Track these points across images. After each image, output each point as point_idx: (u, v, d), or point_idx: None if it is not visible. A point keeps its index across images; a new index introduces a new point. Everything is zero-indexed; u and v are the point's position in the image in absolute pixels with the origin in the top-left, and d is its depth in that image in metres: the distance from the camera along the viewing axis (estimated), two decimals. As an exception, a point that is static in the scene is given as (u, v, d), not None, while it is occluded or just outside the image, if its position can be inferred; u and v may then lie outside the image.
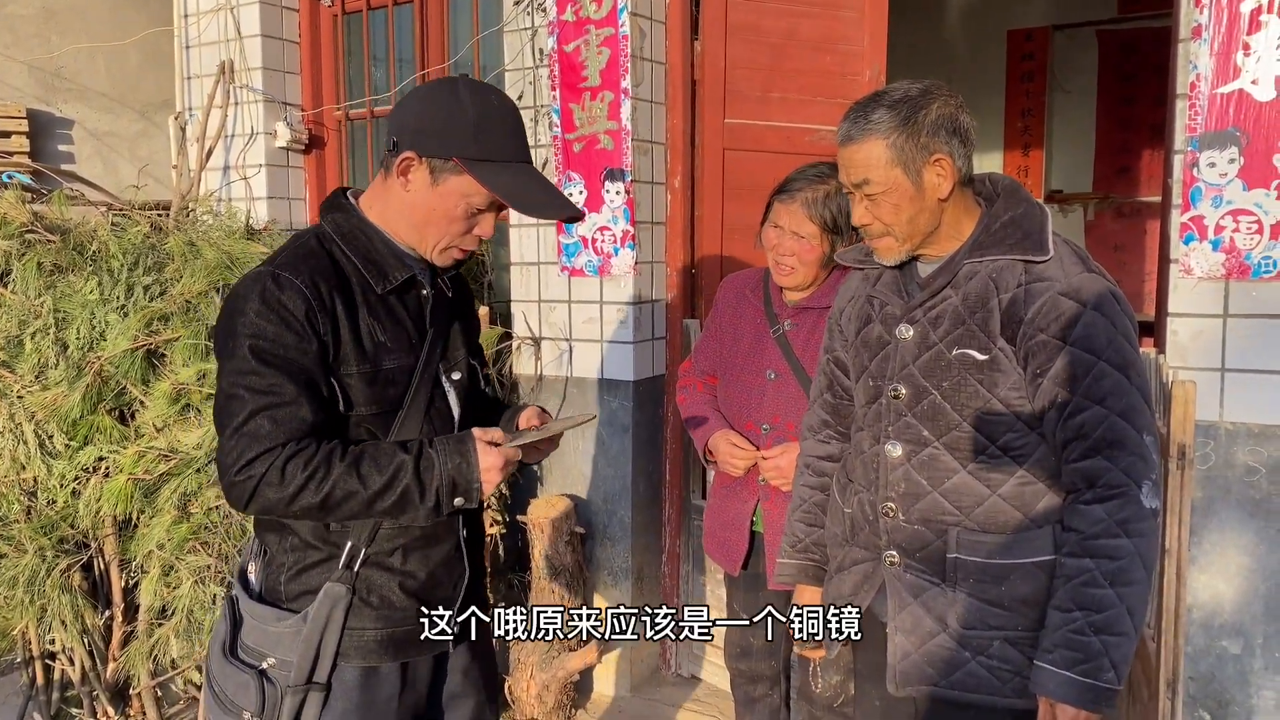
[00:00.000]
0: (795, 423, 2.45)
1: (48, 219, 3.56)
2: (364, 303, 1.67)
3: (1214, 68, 2.56)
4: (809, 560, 2.12)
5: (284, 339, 1.56)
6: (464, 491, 1.64)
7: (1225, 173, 2.57)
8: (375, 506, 1.60)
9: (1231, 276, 2.58)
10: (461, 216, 1.68)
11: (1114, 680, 1.60)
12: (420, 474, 1.61)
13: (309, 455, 1.56)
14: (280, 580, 1.71)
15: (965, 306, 1.73)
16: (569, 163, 3.52)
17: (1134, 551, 1.62)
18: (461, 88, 1.66)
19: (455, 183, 1.64)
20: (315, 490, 1.55)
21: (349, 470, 1.57)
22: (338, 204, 1.75)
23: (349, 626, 1.69)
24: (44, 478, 3.19)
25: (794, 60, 3.55)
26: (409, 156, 1.64)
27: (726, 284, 2.76)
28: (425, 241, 1.71)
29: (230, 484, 1.55)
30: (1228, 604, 2.67)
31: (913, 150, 1.69)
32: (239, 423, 1.54)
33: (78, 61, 4.89)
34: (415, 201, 1.67)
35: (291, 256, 1.64)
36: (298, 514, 1.59)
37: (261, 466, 1.53)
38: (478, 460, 1.64)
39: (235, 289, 1.62)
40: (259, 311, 1.56)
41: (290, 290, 1.58)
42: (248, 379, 1.55)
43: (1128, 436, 1.62)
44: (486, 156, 1.63)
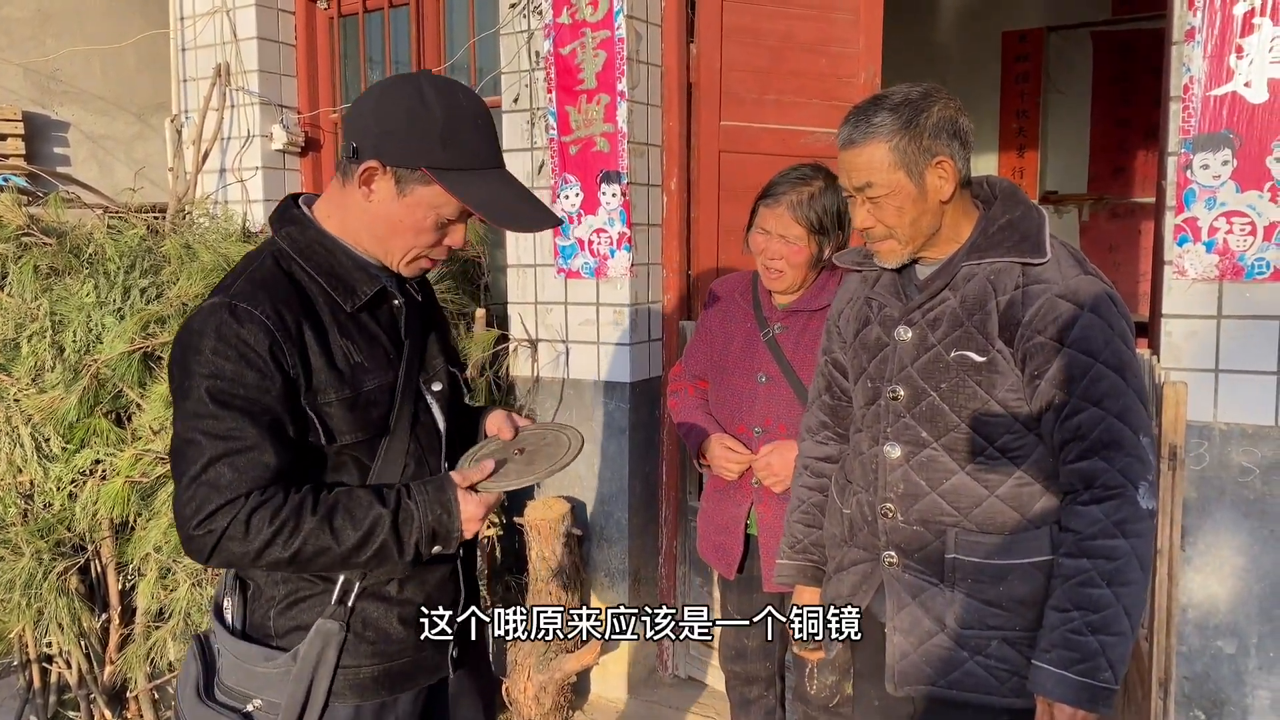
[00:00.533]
0: (787, 425, 2.46)
1: (44, 222, 3.56)
2: (334, 323, 1.54)
3: (1207, 70, 2.57)
4: (808, 561, 2.13)
5: (244, 378, 1.43)
6: (443, 540, 1.54)
7: (1219, 175, 2.58)
8: (350, 561, 1.49)
9: (1225, 278, 2.60)
10: (431, 228, 1.56)
11: (1111, 680, 1.61)
12: (399, 528, 1.50)
13: (276, 506, 1.43)
14: (269, 615, 1.58)
15: (964, 308, 1.74)
16: (565, 165, 3.52)
17: (1130, 552, 1.63)
18: (426, 87, 1.52)
19: (424, 193, 1.52)
20: (284, 545, 1.43)
21: (321, 525, 1.45)
22: (291, 216, 1.60)
23: (343, 665, 1.57)
24: (41, 480, 3.19)
25: (789, 63, 3.56)
26: (371, 166, 1.50)
27: (716, 287, 2.76)
28: (391, 254, 1.59)
29: (189, 537, 1.42)
30: (1222, 604, 2.68)
31: (915, 153, 1.70)
32: (196, 471, 1.41)
33: (73, 64, 4.89)
34: (379, 213, 1.54)
35: (248, 283, 1.49)
36: (266, 568, 1.48)
37: (224, 519, 1.41)
38: (459, 510, 1.54)
39: (189, 323, 1.47)
40: (215, 349, 1.43)
41: (250, 324, 1.44)
42: (205, 423, 1.42)
43: (1124, 437, 1.63)
44: (457, 165, 1.51)
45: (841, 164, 1.79)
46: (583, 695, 3.64)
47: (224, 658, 1.60)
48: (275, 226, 1.59)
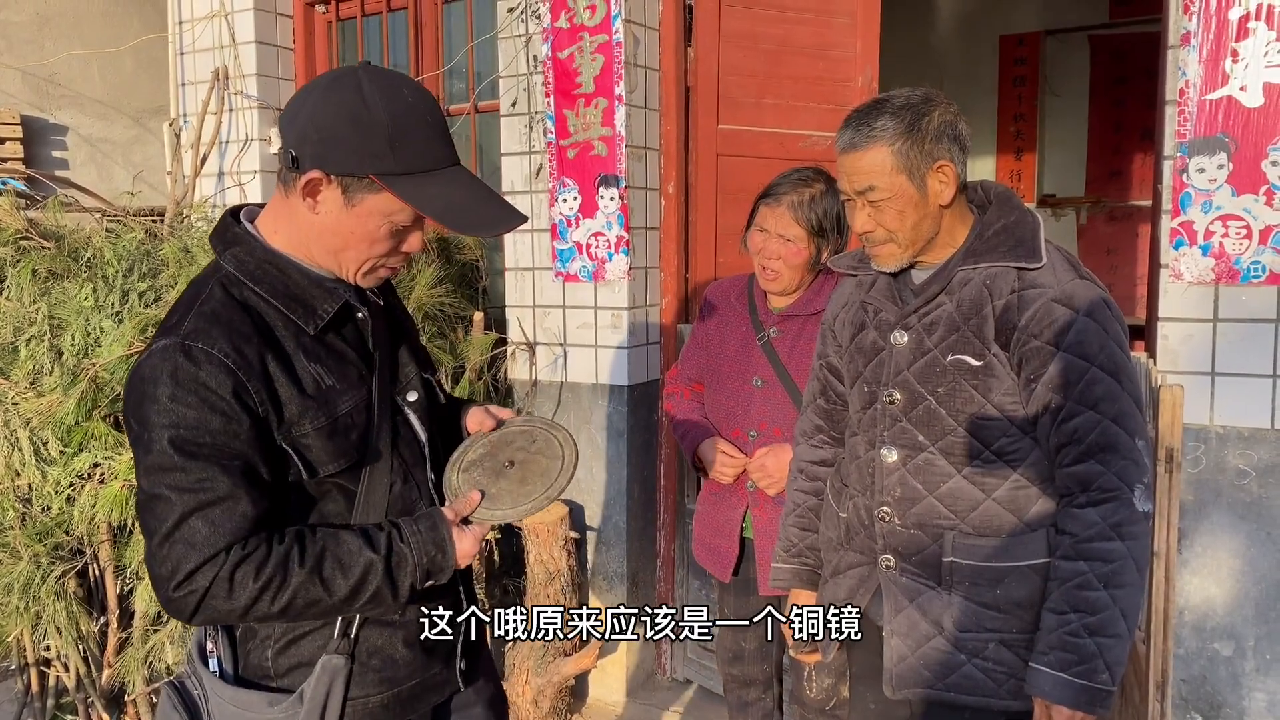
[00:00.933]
0: (782, 429, 2.47)
1: (42, 225, 3.56)
2: (298, 348, 1.43)
3: (1203, 74, 2.58)
4: (803, 565, 2.14)
5: (209, 424, 1.32)
6: (436, 575, 1.48)
7: (1214, 178, 2.59)
8: (343, 610, 1.42)
9: (1221, 281, 2.60)
10: (385, 237, 1.44)
11: (1108, 681, 1.62)
12: (392, 573, 1.42)
13: (259, 560, 1.33)
14: (266, 656, 1.49)
15: (960, 313, 1.74)
16: (563, 169, 3.53)
17: (1127, 554, 1.63)
18: (366, 85, 1.38)
19: (374, 202, 1.40)
20: (272, 600, 1.34)
21: (310, 577, 1.36)
22: (235, 235, 1.47)
23: (351, 697, 1.50)
24: (39, 484, 3.19)
25: (787, 66, 3.57)
26: (314, 177, 1.38)
27: (711, 291, 2.77)
28: (345, 266, 1.47)
29: (168, 599, 1.31)
30: (1219, 606, 2.69)
31: (918, 157, 1.71)
32: (169, 529, 1.30)
33: (72, 68, 4.90)
34: (328, 225, 1.42)
35: (199, 319, 1.36)
36: (255, 622, 1.39)
37: (204, 579, 1.30)
38: (454, 548, 1.47)
39: (138, 370, 1.35)
40: (174, 395, 1.31)
41: (209, 365, 1.32)
42: (171, 476, 1.30)
43: (1120, 441, 1.64)
44: (408, 169, 1.39)
45: (842, 168, 1.79)
46: (581, 698, 3.64)
47: (217, 706, 1.51)
48: (218, 248, 1.46)
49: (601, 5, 3.35)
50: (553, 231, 3.59)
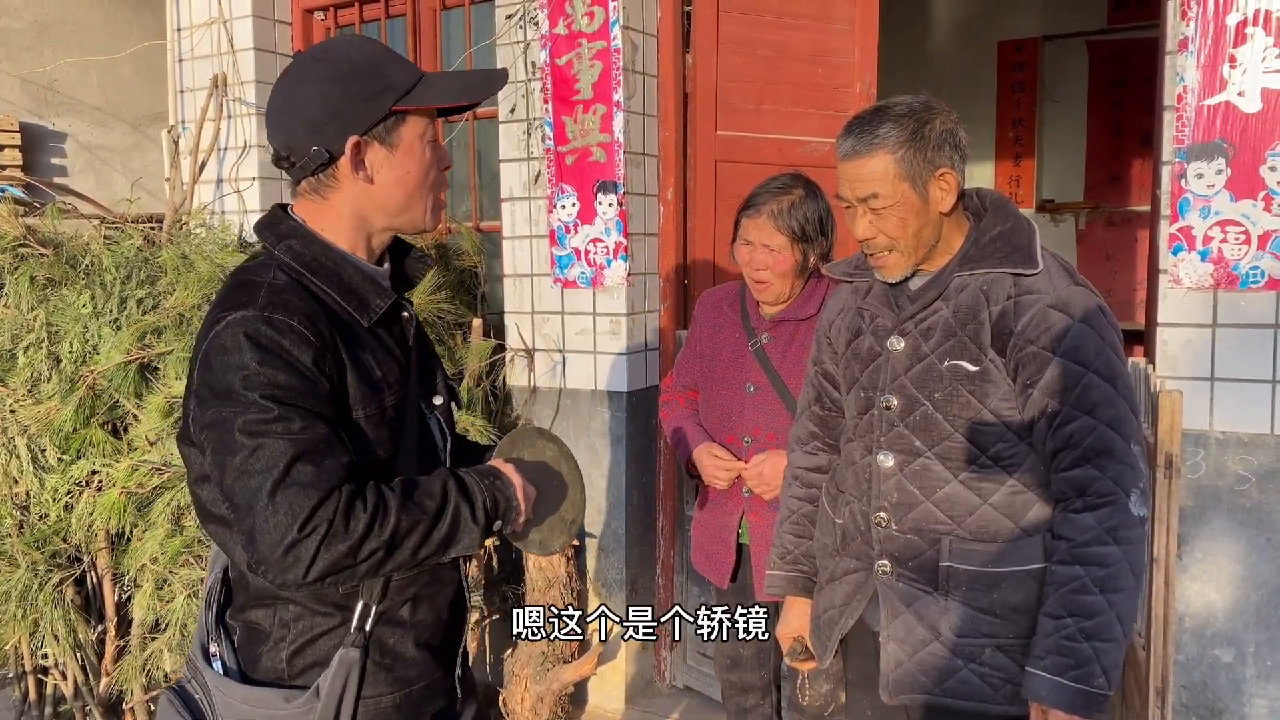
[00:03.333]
0: (776, 434, 2.47)
1: (40, 232, 3.57)
2: (354, 337, 1.47)
3: (1201, 80, 2.58)
4: (798, 571, 2.13)
5: (297, 386, 1.34)
6: (504, 512, 1.50)
7: (1213, 184, 2.59)
8: (432, 537, 1.40)
9: (1220, 286, 2.60)
10: (431, 160, 1.52)
11: (1105, 686, 1.62)
12: (466, 492, 1.45)
13: (363, 494, 1.35)
14: (282, 656, 1.48)
15: (956, 319, 1.75)
16: (562, 175, 3.53)
17: (1123, 559, 1.64)
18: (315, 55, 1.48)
19: (406, 131, 1.48)
20: (380, 529, 1.34)
21: (403, 500, 1.38)
22: (289, 228, 1.49)
23: (363, 696, 1.49)
24: (36, 492, 3.19)
25: (786, 73, 3.57)
26: (354, 142, 1.43)
27: (704, 299, 2.78)
28: (415, 212, 1.53)
29: (290, 545, 1.29)
30: (1220, 612, 2.68)
31: (920, 164, 1.71)
32: (280, 474, 1.29)
33: (70, 75, 4.90)
34: (387, 182, 1.48)
35: (273, 294, 1.39)
36: (359, 566, 1.35)
37: (325, 514, 1.30)
38: (509, 477, 1.52)
39: (218, 340, 1.36)
40: (261, 360, 1.33)
41: (290, 335, 1.35)
42: (274, 425, 1.31)
43: (1116, 446, 1.64)
44: (407, 85, 1.46)
45: (843, 175, 1.79)
46: (580, 705, 3.63)
47: (226, 707, 1.50)
48: (271, 239, 1.49)
49: (600, 11, 3.35)
50: (551, 238, 3.59)
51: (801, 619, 2.14)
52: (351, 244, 1.52)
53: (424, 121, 1.50)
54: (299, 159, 1.45)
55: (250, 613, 1.51)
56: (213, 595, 1.59)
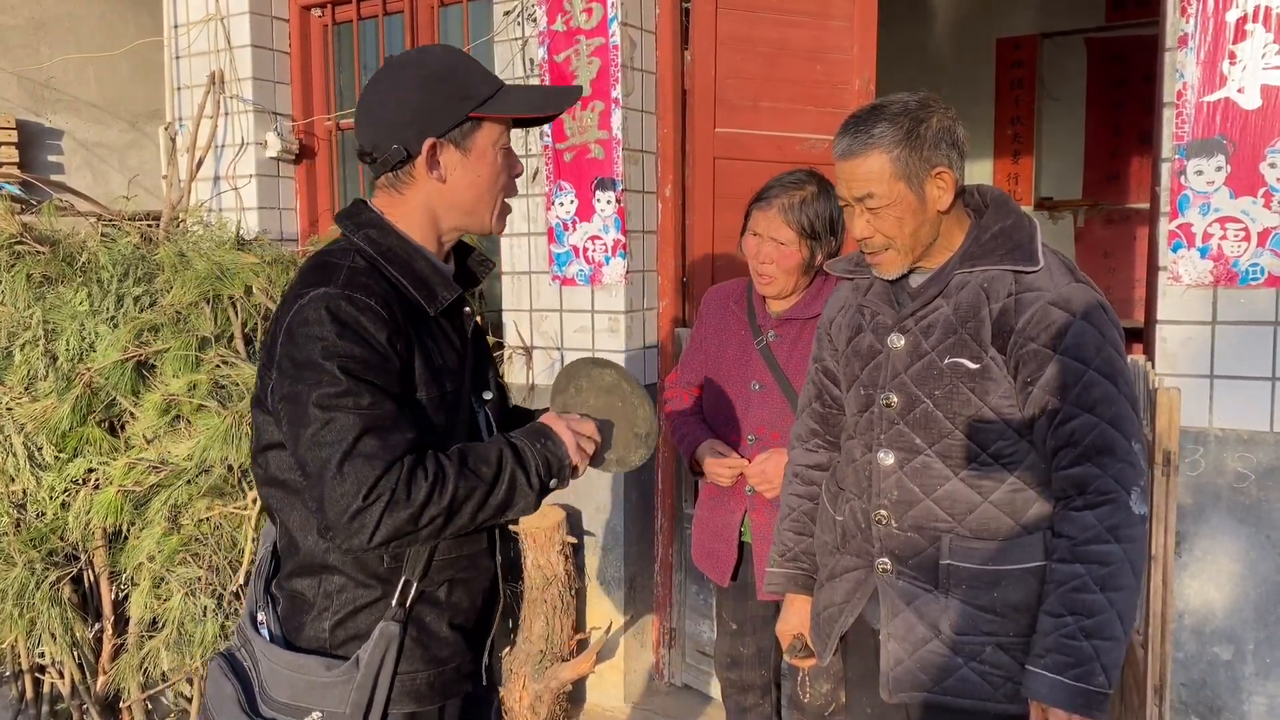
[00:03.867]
0: (781, 433, 2.46)
1: (37, 230, 3.55)
2: (422, 324, 1.56)
3: (1200, 76, 2.57)
4: (798, 569, 2.13)
5: (371, 360, 1.44)
6: (557, 471, 1.56)
7: (1213, 180, 2.58)
8: (489, 502, 1.49)
9: (1219, 283, 2.60)
10: (502, 166, 1.62)
11: (1105, 684, 1.62)
12: (520, 456, 1.52)
13: (424, 464, 1.44)
14: (324, 627, 1.56)
15: (957, 316, 1.74)
16: (560, 172, 3.52)
17: (1123, 557, 1.63)
18: (403, 60, 1.60)
19: (481, 137, 1.57)
20: (439, 497, 1.43)
21: (460, 468, 1.46)
22: (370, 219, 1.60)
23: (400, 671, 1.56)
24: (33, 490, 3.18)
25: (784, 69, 3.57)
26: (431, 143, 1.54)
27: (710, 295, 2.77)
28: (481, 214, 1.63)
29: (356, 512, 1.38)
30: (1219, 610, 2.68)
31: (916, 163, 1.71)
32: (348, 447, 1.39)
33: (67, 72, 4.89)
34: (459, 183, 1.58)
35: (353, 275, 1.49)
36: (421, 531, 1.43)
37: (389, 483, 1.39)
38: (559, 435, 1.57)
39: (301, 314, 1.46)
40: (340, 333, 1.43)
41: (368, 313, 1.45)
42: (345, 400, 1.41)
43: (1117, 444, 1.64)
44: (486, 94, 1.56)
45: (840, 174, 1.78)
46: (579, 704, 3.62)
47: (271, 672, 1.57)
48: (350, 228, 1.59)
49: (598, 8, 3.35)
50: (549, 235, 3.58)
51: (801, 616, 2.14)
52: (423, 237, 1.61)
53: (499, 129, 1.59)
54: (380, 155, 1.56)
55: (296, 581, 1.59)
56: (263, 566, 1.68)
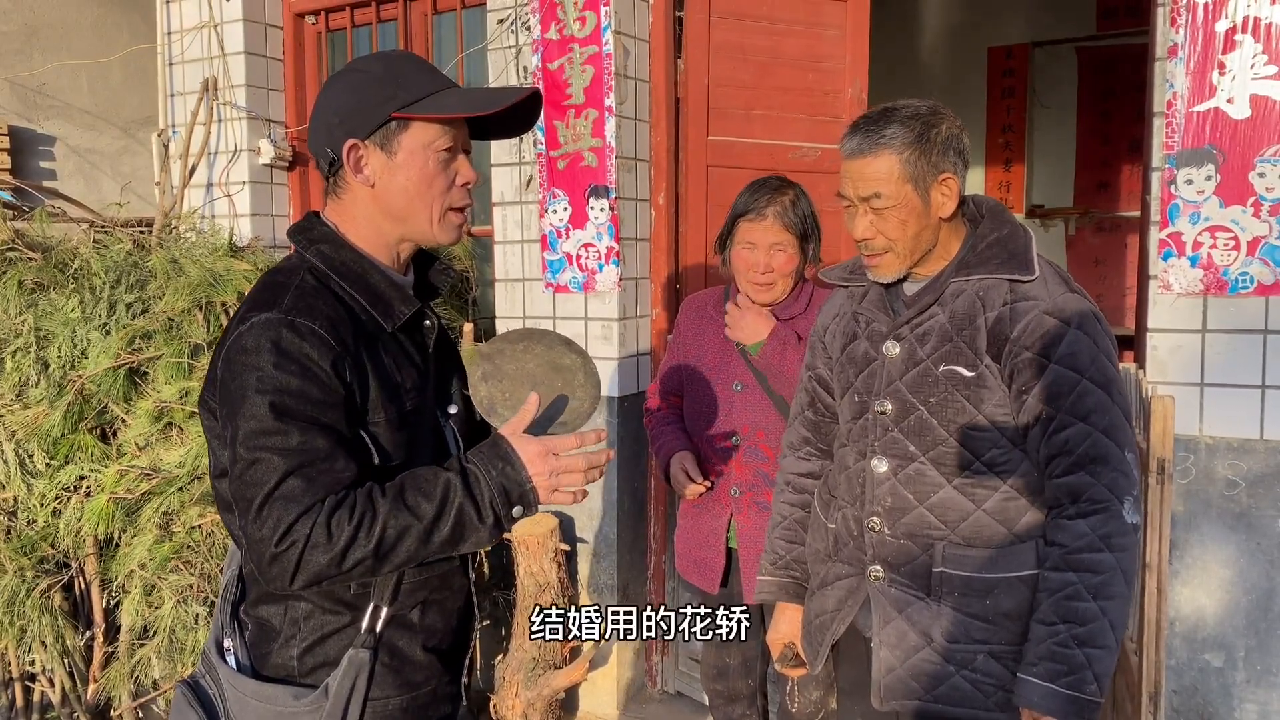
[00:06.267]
0: (765, 431, 2.48)
1: (29, 236, 3.55)
2: (377, 342, 1.50)
3: (1190, 86, 2.59)
4: (789, 578, 2.13)
5: (309, 393, 1.37)
6: (519, 498, 1.44)
7: (1203, 190, 2.60)
8: (432, 540, 1.40)
9: (1210, 292, 2.61)
10: (438, 170, 1.52)
11: (1096, 692, 1.62)
12: (470, 489, 1.42)
13: (350, 503, 1.36)
14: (292, 654, 1.51)
15: (953, 324, 1.75)
16: (553, 180, 3.53)
17: (1116, 566, 1.64)
18: (354, 65, 1.54)
19: (408, 140, 1.49)
20: (366, 538, 1.35)
21: (396, 505, 1.38)
22: (322, 234, 1.54)
23: (371, 697, 1.51)
24: (24, 497, 3.17)
25: (777, 78, 3.58)
26: (351, 145, 1.48)
27: (686, 304, 2.79)
28: (418, 221, 1.53)
29: (272, 557, 1.33)
30: (1210, 617, 2.69)
31: (925, 168, 1.72)
32: (270, 489, 1.34)
33: (60, 79, 4.87)
34: (387, 187, 1.50)
35: (299, 298, 1.43)
36: (350, 574, 1.37)
37: (304, 528, 1.33)
38: (519, 456, 1.45)
39: (239, 341, 1.40)
40: (278, 364, 1.37)
41: (312, 339, 1.39)
42: (272, 440, 1.35)
43: (1110, 453, 1.64)
44: (418, 96, 1.48)
45: (846, 173, 1.78)
46: (571, 711, 3.62)
47: (237, 702, 1.52)
48: (303, 243, 1.53)
49: (592, 16, 3.35)
50: (543, 242, 3.59)
51: (792, 625, 2.14)
52: (374, 248, 1.55)
53: (432, 131, 1.50)
54: (320, 161, 1.54)
55: (262, 608, 1.54)
56: (229, 590, 1.62)
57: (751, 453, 2.53)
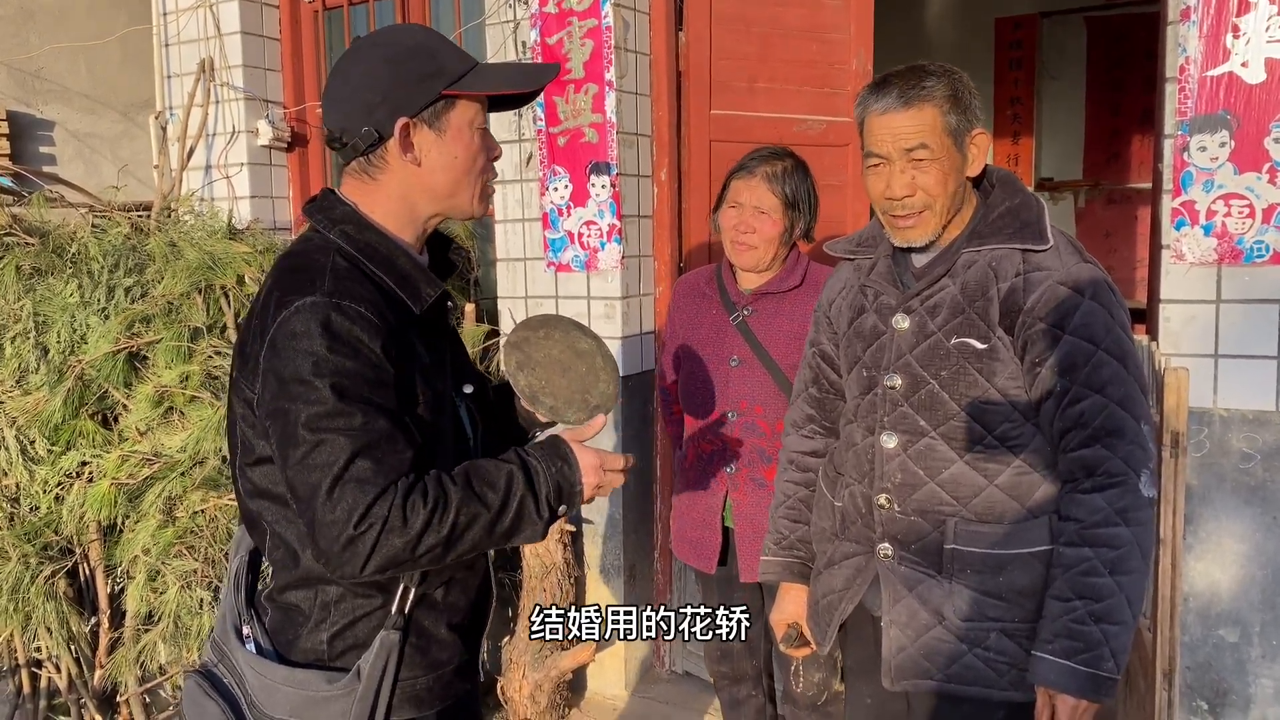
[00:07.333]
0: (763, 406, 2.45)
1: (26, 221, 3.51)
2: (409, 324, 1.48)
3: (1203, 50, 2.53)
4: (794, 557, 2.10)
5: (365, 374, 1.36)
6: (567, 497, 1.48)
7: (1216, 156, 2.54)
8: (495, 530, 1.41)
9: (1224, 261, 2.56)
10: (480, 148, 1.53)
11: (1114, 669, 1.59)
12: (531, 482, 1.44)
13: (423, 488, 1.36)
14: (322, 638, 1.49)
15: (964, 295, 1.71)
16: (554, 156, 3.48)
17: (1132, 540, 1.60)
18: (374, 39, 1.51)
19: (456, 116, 1.49)
20: (440, 523, 1.35)
21: (466, 493, 1.38)
22: (346, 214, 1.50)
23: (400, 677, 1.51)
24: (26, 483, 3.15)
25: (780, 50, 3.52)
26: (404, 123, 1.45)
27: (679, 285, 2.77)
28: (461, 198, 1.54)
29: (348, 540, 1.31)
30: (1224, 592, 2.65)
31: (962, 121, 1.69)
32: (339, 470, 1.32)
33: (58, 62, 4.83)
34: (435, 165, 1.49)
35: (339, 280, 1.40)
36: (419, 560, 1.37)
37: (381, 510, 1.31)
38: (577, 460, 1.49)
39: (287, 326, 1.36)
40: (332, 347, 1.34)
41: (360, 321, 1.37)
42: (336, 421, 1.33)
43: (1126, 425, 1.61)
44: (459, 72, 1.48)
45: (882, 129, 1.70)
46: (579, 692, 3.60)
47: (265, 689, 1.50)
48: (324, 223, 1.50)
49: (591, -11, 3.30)
50: (544, 220, 3.54)
51: (796, 605, 2.11)
52: (399, 228, 1.53)
53: (474, 108, 1.51)
54: (350, 139, 1.48)
55: (290, 594, 1.51)
56: (240, 578, 1.61)
57: (748, 429, 2.49)
